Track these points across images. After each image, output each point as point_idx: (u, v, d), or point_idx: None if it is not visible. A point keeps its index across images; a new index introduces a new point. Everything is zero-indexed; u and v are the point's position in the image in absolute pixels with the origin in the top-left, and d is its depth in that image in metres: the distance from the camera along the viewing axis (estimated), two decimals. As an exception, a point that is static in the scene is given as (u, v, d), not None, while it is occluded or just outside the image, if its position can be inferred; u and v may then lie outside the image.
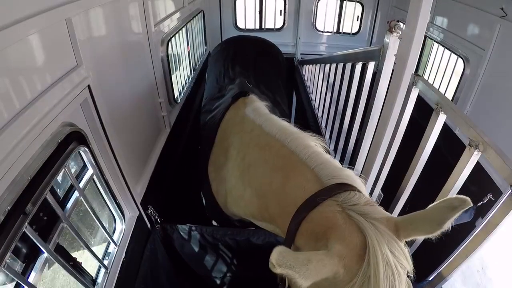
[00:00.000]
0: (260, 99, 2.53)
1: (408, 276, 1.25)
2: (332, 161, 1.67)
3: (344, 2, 7.10)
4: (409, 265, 1.23)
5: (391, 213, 2.28)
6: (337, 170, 1.57)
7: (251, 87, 2.90)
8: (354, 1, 7.08)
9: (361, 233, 1.25)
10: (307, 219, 1.44)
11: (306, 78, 6.13)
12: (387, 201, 2.37)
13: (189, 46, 5.27)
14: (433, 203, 1.23)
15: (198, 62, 5.96)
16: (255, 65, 4.14)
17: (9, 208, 1.31)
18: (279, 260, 1.05)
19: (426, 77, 5.01)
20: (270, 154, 1.88)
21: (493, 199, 3.15)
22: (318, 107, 4.91)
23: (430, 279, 2.18)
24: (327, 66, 4.27)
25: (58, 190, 1.88)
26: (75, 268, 1.91)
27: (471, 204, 1.16)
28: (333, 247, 1.22)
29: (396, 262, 1.18)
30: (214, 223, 2.96)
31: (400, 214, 2.29)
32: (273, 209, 1.78)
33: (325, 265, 1.15)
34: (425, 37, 4.81)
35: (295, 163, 1.70)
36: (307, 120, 5.29)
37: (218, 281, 3.26)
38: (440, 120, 1.83)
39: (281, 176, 1.73)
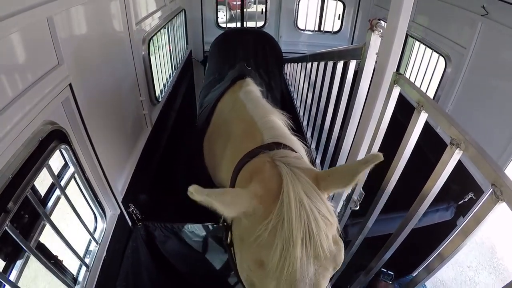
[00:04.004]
0: (256, 82, 2.69)
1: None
2: (280, 128, 1.89)
3: (326, 0, 7.13)
4: (330, 216, 1.27)
5: (373, 210, 2.32)
6: (280, 133, 1.78)
7: (250, 70, 3.10)
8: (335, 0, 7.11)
9: (281, 178, 1.32)
10: (243, 168, 1.61)
11: (287, 77, 6.16)
12: (369, 199, 2.39)
13: (170, 45, 5.25)
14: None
15: (179, 61, 5.93)
16: (255, 52, 4.66)
17: None
18: (197, 189, 1.10)
19: (407, 75, 5.07)
20: (242, 124, 2.09)
21: (474, 198, 3.24)
22: (300, 105, 4.93)
23: (413, 275, 2.22)
24: (309, 64, 4.30)
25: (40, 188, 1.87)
26: (57, 267, 1.91)
27: (382, 159, 1.26)
28: (251, 186, 1.35)
29: (313, 206, 1.22)
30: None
31: (381, 212, 2.34)
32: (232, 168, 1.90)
33: (241, 197, 1.26)
34: (407, 35, 4.85)
35: (253, 129, 1.90)
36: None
37: (200, 278, 3.27)
38: (422, 119, 1.84)
39: (239, 140, 1.96)
